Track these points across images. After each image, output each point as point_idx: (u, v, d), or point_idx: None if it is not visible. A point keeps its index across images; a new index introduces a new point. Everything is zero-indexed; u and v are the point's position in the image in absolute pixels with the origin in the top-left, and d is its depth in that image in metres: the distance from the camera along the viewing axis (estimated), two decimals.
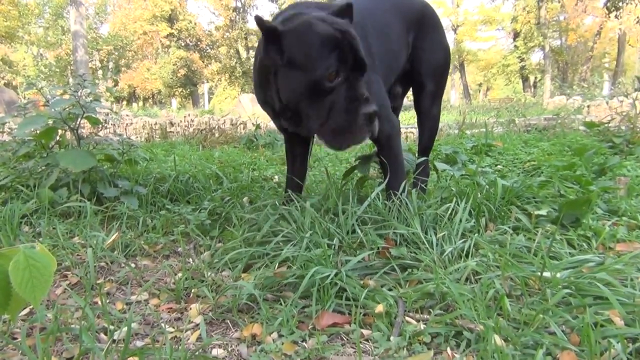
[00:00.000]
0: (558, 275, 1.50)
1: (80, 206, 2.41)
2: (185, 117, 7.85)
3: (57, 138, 2.97)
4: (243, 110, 15.08)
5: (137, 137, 7.69)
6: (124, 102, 36.85)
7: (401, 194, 2.09)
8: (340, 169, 3.89)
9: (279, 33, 1.82)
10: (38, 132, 2.77)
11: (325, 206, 2.16)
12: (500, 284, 1.46)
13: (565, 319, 1.28)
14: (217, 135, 6.42)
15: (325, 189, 2.42)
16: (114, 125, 7.37)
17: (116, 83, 34.90)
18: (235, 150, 5.79)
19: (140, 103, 39.22)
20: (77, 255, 2.01)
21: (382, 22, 2.41)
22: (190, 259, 2.00)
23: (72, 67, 25.04)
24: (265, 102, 2.08)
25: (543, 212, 2.12)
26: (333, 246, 1.76)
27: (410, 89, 2.76)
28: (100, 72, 35.07)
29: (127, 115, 8.42)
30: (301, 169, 2.45)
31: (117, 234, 2.06)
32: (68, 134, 3.01)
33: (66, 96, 2.65)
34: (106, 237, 2.09)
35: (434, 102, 2.68)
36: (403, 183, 2.17)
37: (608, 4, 22.39)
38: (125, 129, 7.81)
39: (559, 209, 2.13)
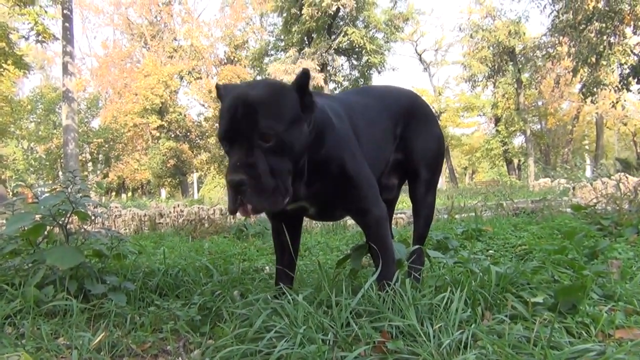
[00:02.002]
0: None
1: (66, 304, 2.35)
2: (174, 207, 7.87)
3: (45, 234, 2.94)
4: None
5: (125, 229, 7.65)
6: (113, 194, 36.90)
7: (395, 284, 2.06)
8: (332, 257, 3.86)
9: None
10: (26, 229, 2.74)
11: (318, 299, 2.12)
12: None
13: None
14: (206, 225, 6.40)
15: (317, 279, 2.39)
16: (102, 218, 7.34)
17: (106, 175, 35.11)
18: (225, 240, 5.74)
19: (130, 193, 39.29)
20: (62, 357, 1.93)
21: (368, 115, 2.49)
22: (180, 358, 1.92)
23: (62, 160, 25.27)
24: None
25: (539, 299, 2.09)
26: (328, 341, 1.71)
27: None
28: (90, 164, 35.37)
29: (115, 207, 8.41)
30: (290, 259, 2.42)
31: (103, 334, 1.99)
32: (56, 229, 2.98)
33: (56, 191, 2.65)
34: (92, 337, 2.01)
35: (429, 190, 2.71)
36: (396, 272, 2.15)
37: (583, 90, 23.36)
38: (114, 221, 7.78)
39: (555, 296, 2.11)
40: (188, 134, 39.40)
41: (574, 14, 21.33)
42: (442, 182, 39.63)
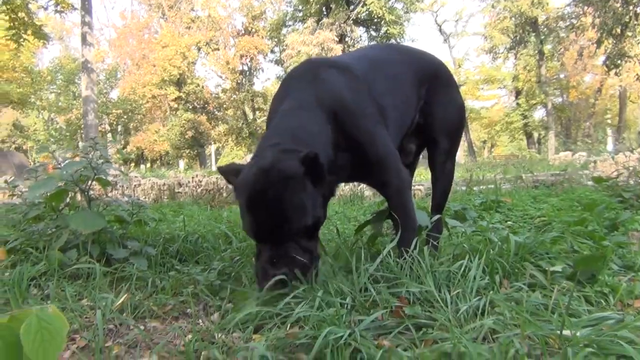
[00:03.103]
0: (578, 334, 1.46)
1: (89, 268, 2.40)
2: (193, 177, 7.91)
3: (67, 200, 2.98)
4: None
5: (145, 198, 7.73)
6: (132, 164, 37.27)
7: (413, 251, 2.06)
8: (349, 227, 3.87)
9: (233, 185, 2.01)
10: (49, 195, 2.79)
11: (337, 265, 2.14)
12: (519, 343, 1.42)
13: None
14: (225, 195, 6.45)
15: (335, 247, 2.40)
16: (123, 186, 7.43)
17: (125, 145, 35.43)
18: None
19: (148, 165, 39.66)
20: (86, 317, 1.98)
21: (393, 72, 2.46)
22: (200, 320, 1.96)
23: (82, 131, 25.51)
24: None
25: (558, 268, 2.08)
26: (346, 305, 1.73)
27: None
28: (109, 135, 35.69)
29: (135, 177, 8.48)
30: None
31: (126, 295, 2.04)
32: (78, 196, 3.03)
33: (77, 159, 2.69)
34: (115, 298, 2.06)
35: (448, 158, 2.69)
36: (415, 239, 2.15)
37: (607, 62, 22.83)
38: (134, 190, 7.87)
39: (574, 265, 2.10)
40: (206, 105, 39.47)
41: None
42: (461, 156, 39.35)
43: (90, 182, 2.69)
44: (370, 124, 2.21)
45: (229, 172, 2.03)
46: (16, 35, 14.17)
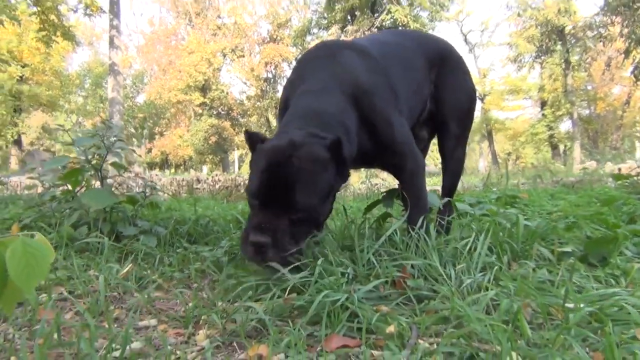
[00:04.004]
0: (582, 305, 1.43)
1: (98, 243, 2.42)
2: (212, 176, 7.98)
3: (83, 183, 3.02)
4: None
5: (163, 193, 7.79)
6: (157, 169, 37.72)
7: (419, 229, 2.03)
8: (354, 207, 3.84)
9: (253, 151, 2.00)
10: (63, 174, 2.82)
11: (342, 242, 2.12)
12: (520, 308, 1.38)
13: (588, 341, 1.20)
14: (242, 190, 6.47)
15: (341, 226, 2.38)
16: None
17: (150, 149, 35.90)
18: None
19: (172, 170, 40.08)
20: (91, 286, 1.99)
21: (406, 57, 2.44)
22: (204, 292, 1.96)
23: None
24: None
25: (568, 249, 2.04)
26: (347, 274, 1.71)
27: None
28: (134, 138, 36.20)
29: (156, 175, 8.58)
30: None
31: (131, 265, 2.05)
32: (94, 180, 3.06)
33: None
34: (120, 268, 2.07)
35: (458, 143, 2.67)
36: (422, 218, 2.12)
37: (635, 72, 22.42)
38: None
39: (585, 248, 2.05)
40: (230, 111, 39.78)
41: None
42: (485, 166, 38.94)
43: (103, 160, 2.72)
44: (388, 107, 2.19)
45: (256, 138, 1.99)
46: (46, 37, 14.50)
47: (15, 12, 13.21)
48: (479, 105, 38.91)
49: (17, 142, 31.53)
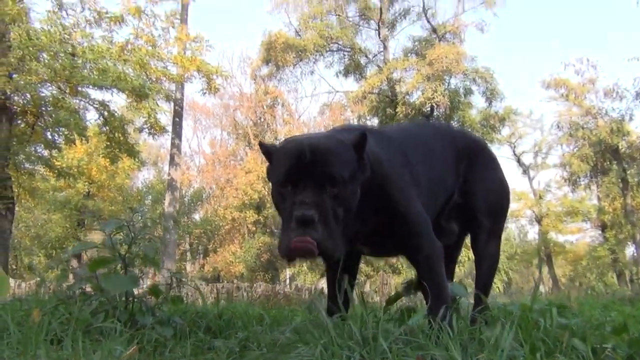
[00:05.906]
0: None
1: (111, 328, 2.35)
2: (254, 286, 7.90)
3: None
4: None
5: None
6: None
7: (442, 321, 1.88)
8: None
9: (271, 152, 2.03)
10: (90, 262, 2.84)
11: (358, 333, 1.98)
12: None
13: None
14: (280, 298, 6.35)
15: (360, 314, 2.23)
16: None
17: (203, 265, 36.32)
18: (294, 310, 5.61)
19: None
20: None
21: (429, 145, 2.43)
22: None
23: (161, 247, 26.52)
24: None
25: (609, 345, 1.82)
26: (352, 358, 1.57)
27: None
28: (188, 254, 36.85)
29: (200, 284, 8.57)
30: (345, 300, 2.25)
31: (135, 347, 1.96)
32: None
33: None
34: (124, 350, 1.99)
35: (490, 238, 2.55)
36: (444, 308, 1.96)
37: None
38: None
39: (630, 344, 1.83)
40: None
41: None
42: (546, 292, 37.04)
43: (128, 246, 2.72)
44: (404, 186, 2.15)
45: (270, 145, 2.07)
46: (112, 154, 15.48)
47: (86, 132, 14.27)
48: (536, 228, 37.91)
49: (78, 256, 32.61)
